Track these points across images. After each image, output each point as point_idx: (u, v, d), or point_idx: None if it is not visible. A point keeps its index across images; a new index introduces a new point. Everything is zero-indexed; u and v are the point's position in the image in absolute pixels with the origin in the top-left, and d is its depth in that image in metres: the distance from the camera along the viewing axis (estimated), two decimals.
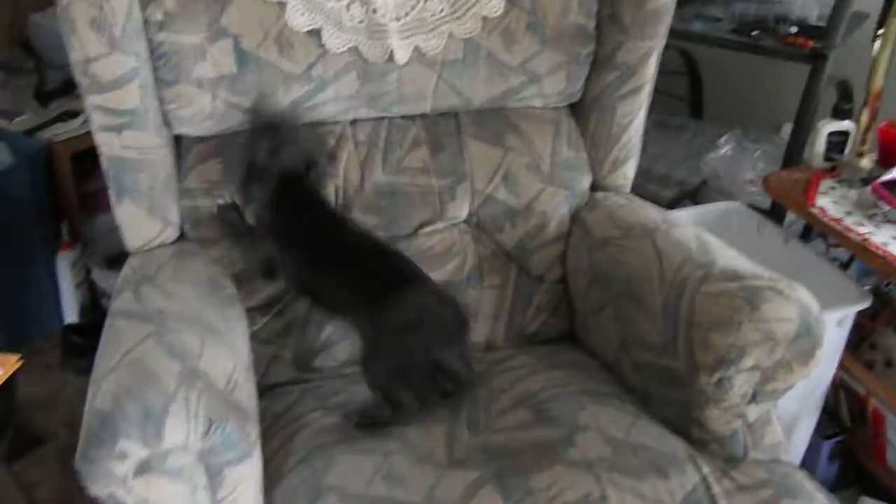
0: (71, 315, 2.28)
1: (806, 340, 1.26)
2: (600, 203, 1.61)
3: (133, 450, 1.02)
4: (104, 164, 1.38)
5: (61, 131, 2.17)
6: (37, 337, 2.24)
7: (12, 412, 1.94)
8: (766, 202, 2.18)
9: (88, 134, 1.41)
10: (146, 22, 1.33)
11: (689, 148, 2.57)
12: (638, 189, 1.70)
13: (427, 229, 1.54)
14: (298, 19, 1.38)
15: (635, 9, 1.50)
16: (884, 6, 1.85)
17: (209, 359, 1.16)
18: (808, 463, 1.88)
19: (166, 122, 1.41)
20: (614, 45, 1.54)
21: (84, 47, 1.27)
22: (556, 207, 1.59)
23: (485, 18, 1.48)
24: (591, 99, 1.60)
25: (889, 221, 1.72)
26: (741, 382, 1.27)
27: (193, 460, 1.10)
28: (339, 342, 1.48)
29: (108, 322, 1.23)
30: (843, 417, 1.93)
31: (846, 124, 1.90)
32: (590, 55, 1.56)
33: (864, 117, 1.90)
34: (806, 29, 2.17)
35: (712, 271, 1.34)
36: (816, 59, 2.06)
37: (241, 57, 1.38)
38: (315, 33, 1.40)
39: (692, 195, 2.46)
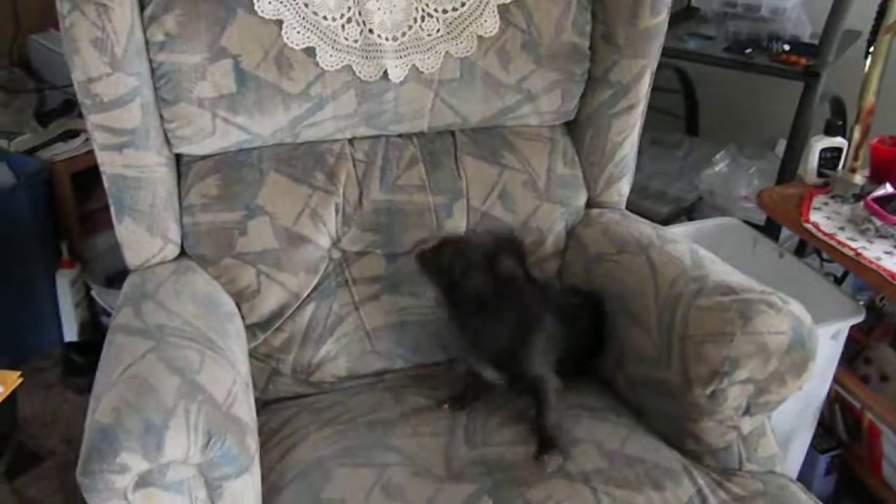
0: (71, 333, 2.29)
1: (799, 353, 1.27)
2: (595, 219, 1.63)
3: (133, 463, 1.04)
4: (106, 182, 1.39)
5: (61, 151, 2.19)
6: (37, 355, 2.25)
7: (13, 429, 1.95)
8: (761, 218, 2.20)
9: (88, 153, 1.43)
10: (147, 42, 1.35)
11: (684, 164, 2.59)
12: (635, 205, 1.72)
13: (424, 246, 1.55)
14: (294, 37, 1.40)
15: (628, 28, 1.52)
16: (874, 24, 1.88)
17: (209, 373, 1.17)
18: (804, 477, 1.89)
19: (167, 141, 1.43)
20: (608, 63, 1.56)
21: (86, 67, 1.29)
22: (552, 224, 1.60)
23: (480, 38, 1.50)
24: (585, 117, 1.62)
25: (882, 236, 1.73)
26: (735, 395, 1.29)
27: (193, 474, 1.11)
28: (337, 357, 1.50)
29: (108, 338, 1.24)
30: (839, 431, 1.94)
31: (838, 141, 1.92)
32: (584, 74, 1.58)
33: (857, 134, 1.92)
34: (798, 47, 2.20)
35: (706, 285, 1.36)
36: (809, 77, 2.09)
37: (241, 76, 1.40)
38: (311, 52, 1.41)
39: (688, 211, 2.48)
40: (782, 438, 1.80)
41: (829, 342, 1.74)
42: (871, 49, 1.89)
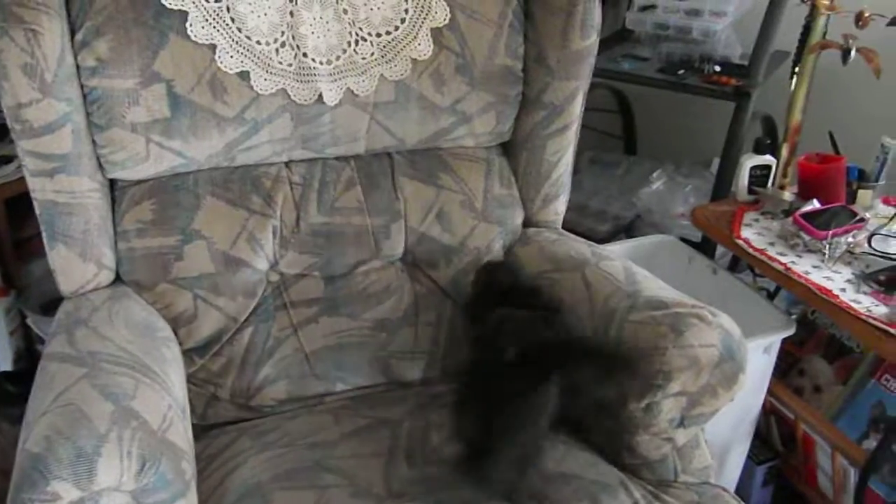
0: (5, 363, 2.24)
1: (729, 365, 1.30)
2: (532, 238, 1.65)
3: (65, 492, 1.02)
4: (37, 208, 1.38)
5: None
6: None
7: None
8: (697, 235, 2.24)
9: (22, 179, 1.41)
10: (79, 67, 1.34)
11: (623, 183, 2.63)
12: (575, 224, 1.75)
13: (363, 268, 1.56)
14: (228, 61, 1.40)
15: (560, 50, 1.55)
16: (798, 47, 1.94)
17: (143, 399, 1.16)
18: (742, 488, 1.92)
19: (100, 167, 1.42)
20: (541, 85, 1.59)
21: (16, 93, 1.28)
22: (490, 244, 1.62)
23: (414, 61, 1.52)
24: (520, 138, 1.65)
25: (810, 251, 1.78)
26: (669, 407, 1.31)
27: (127, 501, 1.10)
28: (276, 381, 1.49)
29: (41, 365, 1.23)
30: (774, 442, 1.98)
31: (767, 158, 1.97)
32: (518, 95, 1.61)
33: (785, 151, 1.98)
34: (729, 68, 2.26)
35: (638, 301, 1.39)
36: (740, 97, 2.15)
37: (175, 101, 1.40)
38: (245, 76, 1.42)
39: (628, 229, 2.52)
40: (719, 450, 1.83)
41: (761, 355, 1.78)
42: (797, 69, 1.94)
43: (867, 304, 1.62)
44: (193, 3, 1.38)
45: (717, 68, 2.26)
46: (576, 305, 1.45)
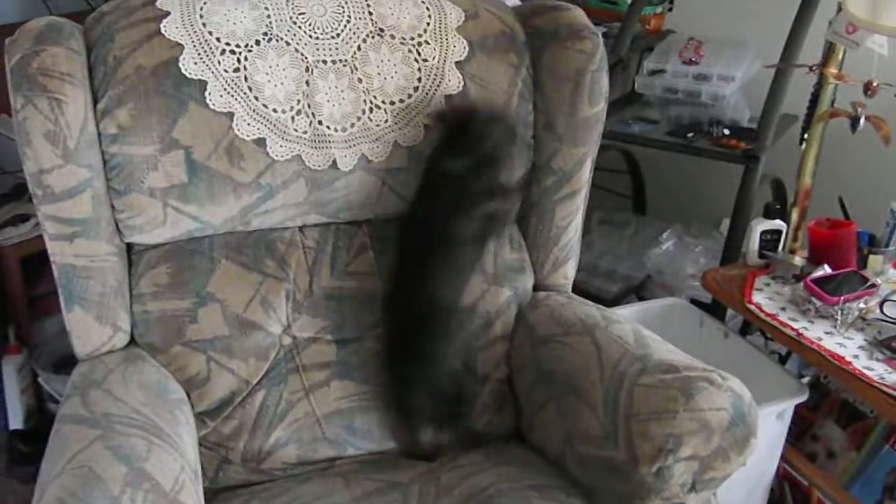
0: (16, 421, 2.25)
1: (740, 429, 1.30)
2: (542, 302, 1.66)
3: None
4: (55, 271, 1.40)
5: (11, 235, 2.18)
6: None
7: None
8: (708, 296, 2.25)
9: (39, 238, 1.44)
10: (100, 135, 1.38)
11: (632, 243, 2.64)
12: (585, 284, 1.76)
13: (375, 332, 1.57)
14: (245, 128, 1.43)
15: (568, 118, 1.58)
16: (807, 112, 1.96)
17: (156, 462, 1.17)
18: None
19: (118, 231, 1.45)
20: (550, 152, 1.62)
21: (38, 159, 1.31)
22: (500, 307, 1.63)
23: (427, 127, 1.55)
24: (530, 203, 1.67)
25: (822, 316, 1.78)
26: (680, 472, 1.31)
27: None
28: (287, 444, 1.50)
29: (55, 428, 1.24)
30: None
31: (778, 223, 1.98)
32: (528, 163, 1.63)
33: (795, 216, 1.99)
34: (738, 131, 2.28)
35: (649, 364, 1.39)
36: (749, 160, 2.17)
37: (192, 167, 1.42)
38: (262, 142, 1.45)
39: (637, 290, 2.53)
40: None
41: (774, 421, 1.77)
42: (806, 135, 1.97)
43: (880, 370, 1.62)
44: (212, 72, 1.41)
45: (726, 132, 2.28)
46: (586, 369, 1.46)
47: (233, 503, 1.42)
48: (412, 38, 1.53)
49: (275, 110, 1.45)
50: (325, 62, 1.48)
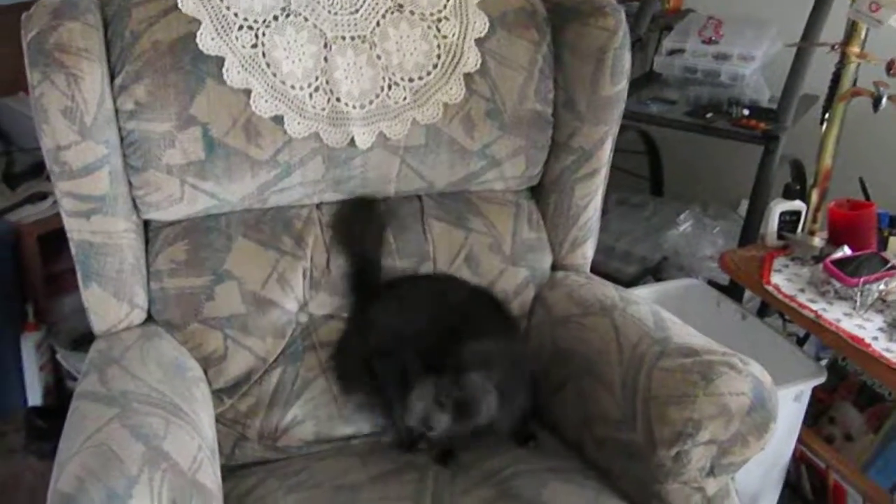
0: (35, 397, 2.26)
1: (760, 414, 1.29)
2: (560, 282, 1.65)
3: None
4: (73, 248, 1.40)
5: (29, 213, 2.19)
6: (0, 420, 2.22)
7: None
8: (725, 277, 2.23)
9: (56, 216, 1.43)
10: (117, 111, 1.37)
11: (649, 225, 2.63)
12: (601, 266, 1.75)
13: None
14: (262, 106, 1.42)
15: (589, 96, 1.56)
16: (829, 91, 1.94)
17: (174, 440, 1.17)
18: None
19: (135, 208, 1.44)
20: (571, 130, 1.60)
21: (56, 136, 1.31)
22: (518, 287, 1.62)
23: (446, 105, 1.53)
24: (549, 182, 1.66)
25: (841, 298, 1.77)
26: (698, 456, 1.30)
27: None
28: (304, 422, 1.49)
29: (73, 405, 1.24)
30: (805, 491, 1.95)
31: (797, 204, 1.96)
32: (547, 140, 1.62)
33: (815, 197, 1.97)
34: (758, 111, 2.26)
35: (668, 347, 1.38)
36: (768, 141, 2.15)
37: (209, 144, 1.42)
38: (279, 119, 1.44)
39: (654, 271, 2.51)
40: (749, 499, 1.81)
41: (792, 403, 1.76)
42: (827, 115, 1.94)
43: None
44: (230, 48, 1.40)
45: (746, 112, 2.26)
46: (604, 350, 1.45)
47: (249, 480, 1.42)
48: (432, 14, 1.52)
49: (292, 87, 1.44)
50: (343, 38, 1.47)
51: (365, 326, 1.51)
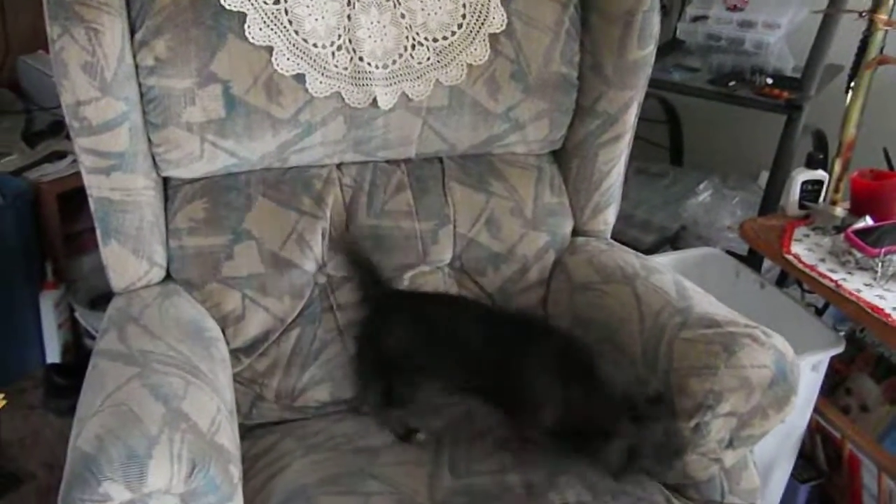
0: (53, 355, 2.27)
1: (781, 387, 1.28)
2: (581, 248, 1.64)
3: (116, 493, 1.03)
4: (92, 205, 1.39)
5: (48, 172, 2.18)
6: (19, 377, 2.23)
7: None
8: (744, 248, 2.22)
9: (75, 175, 1.42)
10: (137, 67, 1.35)
11: (668, 194, 2.61)
12: (619, 235, 1.73)
13: (410, 273, 1.56)
14: (284, 63, 1.40)
15: (616, 60, 1.54)
16: (854, 61, 1.90)
17: (193, 401, 1.17)
18: None
19: (154, 165, 1.43)
20: (596, 94, 1.58)
21: (75, 91, 1.29)
22: (538, 252, 1.61)
23: (470, 66, 1.51)
24: (573, 146, 1.64)
25: (862, 268, 1.75)
26: (718, 428, 1.29)
27: (175, 503, 1.10)
28: (321, 383, 1.49)
29: (92, 362, 1.24)
30: (819, 462, 1.95)
31: (819, 174, 1.94)
32: (572, 104, 1.59)
33: (837, 167, 1.95)
34: (781, 80, 2.22)
35: (690, 318, 1.37)
36: (791, 110, 2.12)
37: (230, 102, 1.40)
38: (301, 78, 1.42)
39: (672, 241, 2.50)
40: (763, 468, 1.80)
41: (809, 373, 1.75)
42: (853, 84, 1.91)
43: None
44: (252, 4, 1.38)
45: (769, 81, 2.22)
46: (625, 319, 1.44)
47: (267, 440, 1.42)
48: None
49: (315, 45, 1.42)
50: None
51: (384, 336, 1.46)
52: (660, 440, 1.23)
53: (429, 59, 1.49)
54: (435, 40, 1.48)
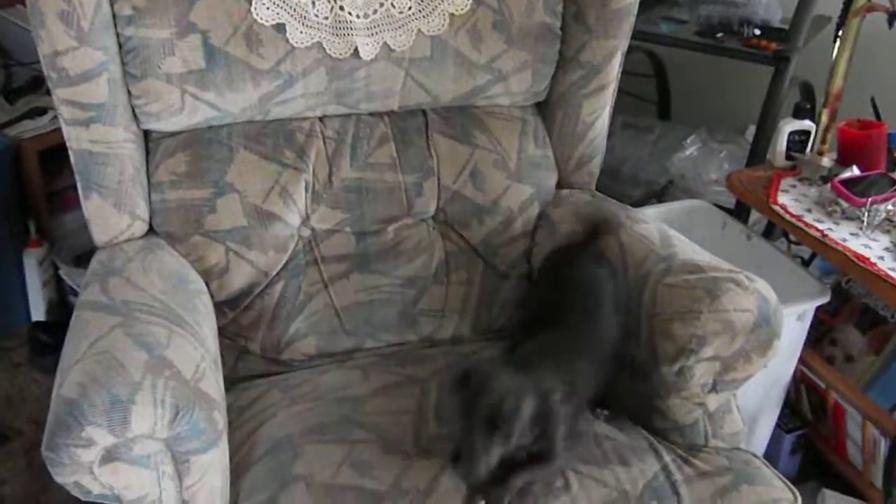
0: (38, 313, 2.27)
1: (764, 331, 1.29)
2: (565, 200, 1.63)
3: (99, 437, 1.03)
4: (72, 158, 1.38)
5: (29, 128, 2.16)
6: (4, 335, 2.23)
7: None
8: (731, 201, 2.22)
9: (56, 131, 1.41)
10: (115, 16, 1.34)
11: (656, 148, 2.60)
12: (606, 189, 1.73)
13: (395, 225, 1.55)
14: (264, 13, 1.39)
15: (599, 8, 1.53)
16: (842, 10, 1.89)
17: (176, 349, 1.17)
18: (770, 455, 1.91)
19: (135, 117, 1.42)
20: (579, 44, 1.57)
21: (53, 41, 1.27)
22: (523, 204, 1.61)
23: (452, 16, 1.50)
24: (556, 97, 1.63)
25: (848, 218, 1.75)
26: (701, 372, 1.30)
27: (160, 448, 1.11)
28: (306, 336, 1.50)
29: (75, 314, 1.24)
30: (804, 411, 1.96)
31: (807, 124, 1.94)
32: (555, 54, 1.58)
33: (824, 117, 1.94)
34: (769, 31, 2.21)
35: (673, 264, 1.37)
36: (779, 62, 2.11)
37: (210, 52, 1.39)
38: (281, 28, 1.40)
39: (659, 195, 2.50)
40: (749, 418, 1.82)
41: (795, 323, 1.76)
42: (840, 33, 1.90)
43: None
44: None
45: (757, 32, 2.21)
46: None
47: (252, 392, 1.42)
48: None
49: None
50: None
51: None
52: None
53: (410, 8, 1.47)
54: None
